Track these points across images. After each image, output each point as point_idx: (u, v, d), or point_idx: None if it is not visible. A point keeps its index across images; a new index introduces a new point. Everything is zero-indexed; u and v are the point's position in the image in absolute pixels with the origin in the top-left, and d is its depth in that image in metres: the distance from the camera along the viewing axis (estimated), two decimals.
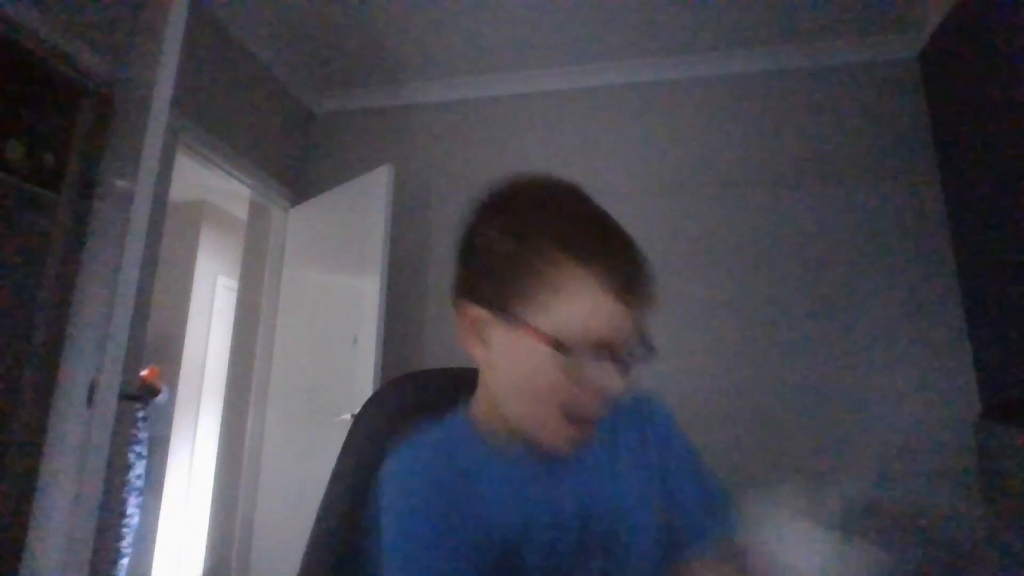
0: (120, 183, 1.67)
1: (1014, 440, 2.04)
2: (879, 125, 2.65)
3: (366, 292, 2.47)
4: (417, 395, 0.72)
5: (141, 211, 1.58)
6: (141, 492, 3.29)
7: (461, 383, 0.71)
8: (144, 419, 3.47)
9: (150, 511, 3.32)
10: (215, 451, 2.94)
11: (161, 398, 3.60)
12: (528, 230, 0.58)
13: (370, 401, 0.73)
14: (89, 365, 1.56)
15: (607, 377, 0.55)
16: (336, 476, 0.67)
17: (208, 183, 3.70)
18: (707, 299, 2.59)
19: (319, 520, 0.65)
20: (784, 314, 2.52)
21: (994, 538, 2.09)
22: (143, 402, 3.45)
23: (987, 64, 2.20)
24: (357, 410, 0.72)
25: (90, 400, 1.49)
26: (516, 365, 0.58)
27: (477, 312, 0.59)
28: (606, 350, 0.55)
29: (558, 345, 0.54)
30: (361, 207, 2.64)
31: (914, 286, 2.47)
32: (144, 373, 3.50)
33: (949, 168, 2.49)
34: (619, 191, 2.74)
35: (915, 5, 2.50)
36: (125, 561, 3.00)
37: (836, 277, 2.54)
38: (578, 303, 0.55)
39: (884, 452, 2.32)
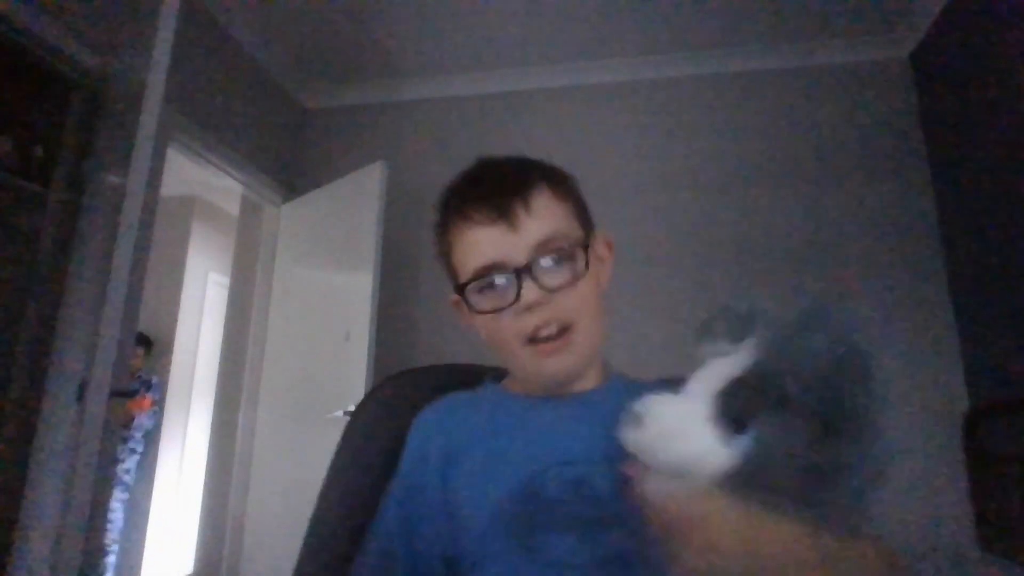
0: (111, 178, 1.66)
1: (1003, 439, 2.06)
2: (870, 125, 2.67)
3: (359, 288, 2.47)
4: (414, 392, 0.71)
5: (132, 206, 1.57)
6: (128, 488, 3.27)
7: (459, 379, 0.71)
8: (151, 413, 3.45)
9: (139, 508, 3.30)
10: (206, 448, 2.93)
11: (147, 421, 3.55)
12: (440, 216, 0.69)
13: (367, 398, 0.73)
14: (79, 362, 1.55)
15: (510, 291, 0.60)
16: (333, 473, 0.67)
17: (199, 179, 3.68)
18: (697, 296, 2.60)
19: (315, 517, 0.65)
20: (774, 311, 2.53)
21: (983, 538, 2.12)
22: (152, 391, 3.44)
23: (978, 64, 2.22)
24: (349, 407, 0.72)
25: (80, 397, 1.48)
26: (480, 328, 0.66)
27: (459, 299, 0.67)
28: (490, 269, 0.61)
29: (457, 288, 0.64)
30: (354, 203, 2.63)
31: (904, 285, 2.49)
32: (142, 403, 3.48)
33: (940, 167, 2.51)
34: (613, 188, 2.74)
35: (906, 6, 2.51)
36: (111, 559, 2.98)
37: (826, 275, 2.56)
38: (457, 246, 0.64)
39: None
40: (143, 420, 3.46)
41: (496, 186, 0.64)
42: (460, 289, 0.63)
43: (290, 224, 3.00)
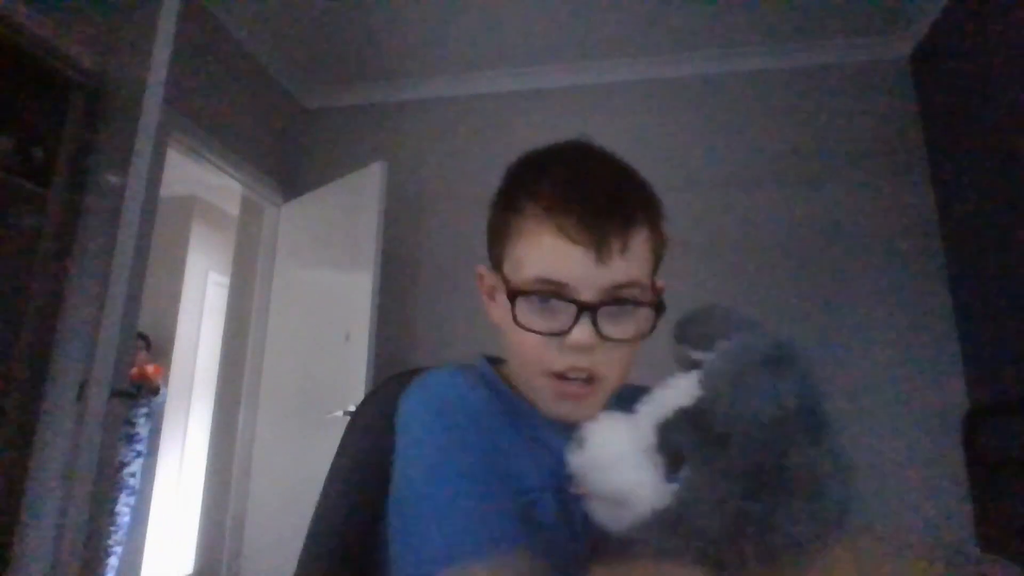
0: (111, 178, 1.66)
1: (1002, 439, 2.07)
2: (870, 124, 2.67)
3: (358, 288, 2.47)
4: None
5: (132, 206, 1.57)
6: (135, 491, 3.27)
7: None
8: (148, 415, 3.45)
9: (140, 509, 3.30)
10: (206, 448, 2.93)
11: (161, 396, 3.58)
12: (515, 190, 0.59)
13: (368, 398, 0.72)
14: (79, 361, 1.55)
15: (564, 320, 0.54)
16: (333, 474, 0.67)
17: (199, 178, 3.68)
18: (697, 296, 2.59)
19: (316, 518, 0.65)
20: (772, 312, 2.53)
21: (983, 537, 2.12)
22: (145, 399, 3.43)
23: (978, 64, 2.22)
24: (349, 407, 0.72)
25: (80, 397, 1.48)
26: (506, 324, 0.58)
27: (488, 275, 0.62)
28: (556, 290, 0.54)
29: (507, 284, 0.56)
30: (354, 203, 2.63)
31: (904, 285, 2.49)
32: (149, 369, 3.48)
33: (940, 167, 2.51)
34: None
35: (906, 6, 2.51)
36: (113, 560, 2.98)
37: (825, 275, 2.56)
38: (529, 242, 0.56)
39: (872, 450, 2.33)
40: (163, 395, 3.51)
41: (599, 207, 0.55)
42: (514, 294, 0.56)
43: (290, 224, 3.00)
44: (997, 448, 2.08)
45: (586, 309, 0.53)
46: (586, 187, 0.56)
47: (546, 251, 0.55)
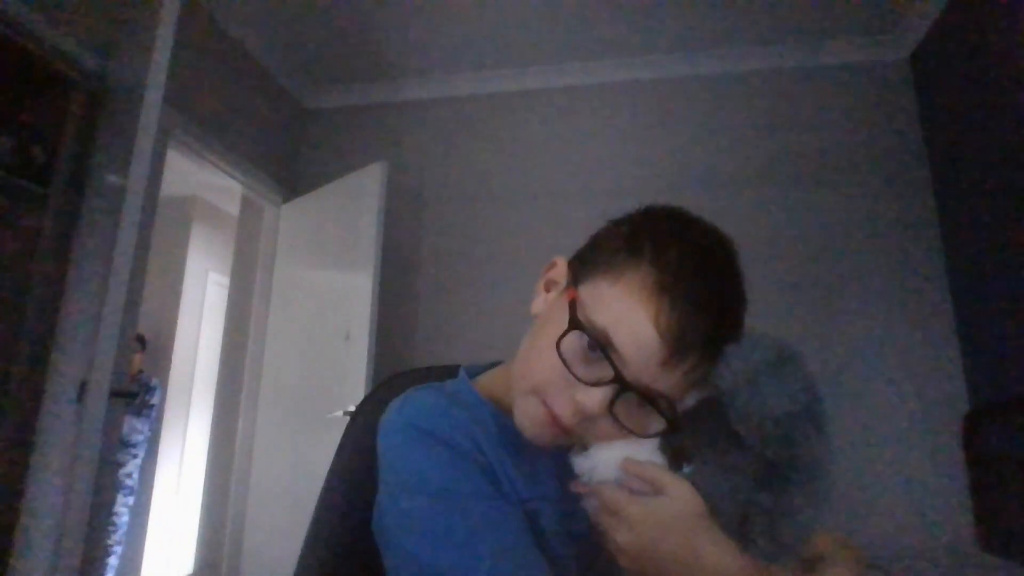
0: (111, 178, 1.66)
1: (1002, 438, 2.07)
2: (871, 125, 2.67)
3: (359, 288, 2.47)
4: None
5: (132, 206, 1.57)
6: (133, 491, 3.26)
7: None
8: (149, 416, 3.44)
9: (139, 509, 3.29)
10: (205, 448, 2.93)
11: (156, 396, 3.57)
12: (643, 231, 0.57)
13: (368, 398, 0.73)
14: (79, 362, 1.55)
15: (592, 376, 0.52)
16: (333, 474, 0.67)
17: (199, 178, 3.68)
18: None
19: (316, 519, 0.65)
20: (772, 313, 2.53)
21: (983, 538, 2.12)
22: (149, 393, 3.42)
23: (978, 65, 2.22)
24: (349, 407, 0.72)
25: (80, 397, 1.48)
26: (545, 324, 0.58)
27: (562, 270, 0.62)
28: (609, 352, 0.52)
29: (573, 312, 0.54)
30: (354, 203, 2.63)
31: (904, 286, 2.49)
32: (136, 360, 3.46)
33: (940, 167, 2.51)
34: (611, 189, 2.74)
35: (906, 7, 2.51)
36: (112, 560, 2.98)
37: (826, 277, 2.56)
38: (623, 294, 0.53)
39: (872, 451, 2.33)
40: (141, 425, 3.46)
41: (702, 321, 0.52)
42: (577, 325, 0.53)
43: (290, 224, 3.00)
44: (997, 448, 2.08)
45: (617, 386, 0.52)
46: (704, 292, 0.54)
47: (629, 315, 0.52)
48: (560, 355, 0.53)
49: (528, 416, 0.56)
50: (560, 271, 0.62)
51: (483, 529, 0.51)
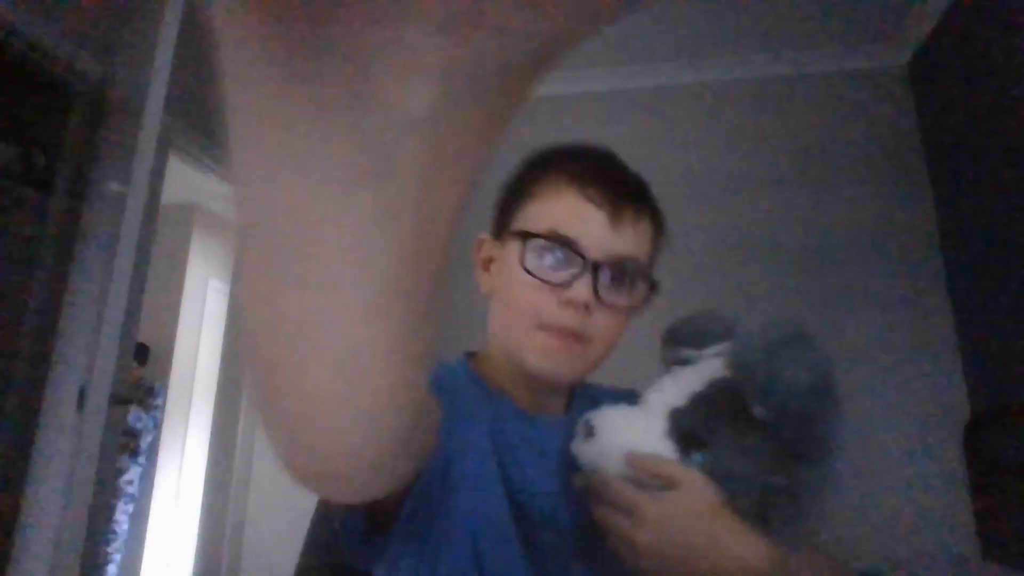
0: (112, 185, 1.66)
1: (1003, 442, 2.06)
2: (869, 131, 2.68)
3: None
4: None
5: (133, 213, 1.57)
6: (133, 499, 3.25)
7: None
8: (155, 417, 3.43)
9: (138, 516, 3.28)
10: (205, 455, 2.92)
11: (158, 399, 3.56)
12: (539, 162, 0.64)
13: None
14: (80, 369, 1.55)
15: (567, 275, 0.56)
16: None
17: (200, 185, 3.67)
18: (696, 299, 2.59)
19: (315, 522, 0.65)
20: (772, 315, 2.53)
21: (984, 544, 2.11)
22: (153, 396, 3.41)
23: (976, 71, 2.22)
24: None
25: (80, 404, 1.48)
26: (502, 283, 0.61)
27: (488, 243, 0.65)
28: (567, 246, 0.57)
29: (520, 233, 0.58)
30: None
31: (903, 291, 2.49)
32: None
33: (939, 172, 2.52)
34: None
35: (905, 13, 2.52)
36: (112, 568, 2.97)
37: (824, 282, 2.56)
38: (546, 202, 0.60)
39: (871, 457, 2.33)
40: (145, 437, 3.45)
41: (622, 181, 0.61)
42: (525, 235, 0.58)
43: None
44: (998, 452, 2.08)
45: (591, 266, 0.56)
46: (610, 168, 0.62)
47: (563, 208, 0.58)
48: (532, 274, 0.57)
49: (540, 348, 0.58)
50: (489, 243, 0.66)
51: None
